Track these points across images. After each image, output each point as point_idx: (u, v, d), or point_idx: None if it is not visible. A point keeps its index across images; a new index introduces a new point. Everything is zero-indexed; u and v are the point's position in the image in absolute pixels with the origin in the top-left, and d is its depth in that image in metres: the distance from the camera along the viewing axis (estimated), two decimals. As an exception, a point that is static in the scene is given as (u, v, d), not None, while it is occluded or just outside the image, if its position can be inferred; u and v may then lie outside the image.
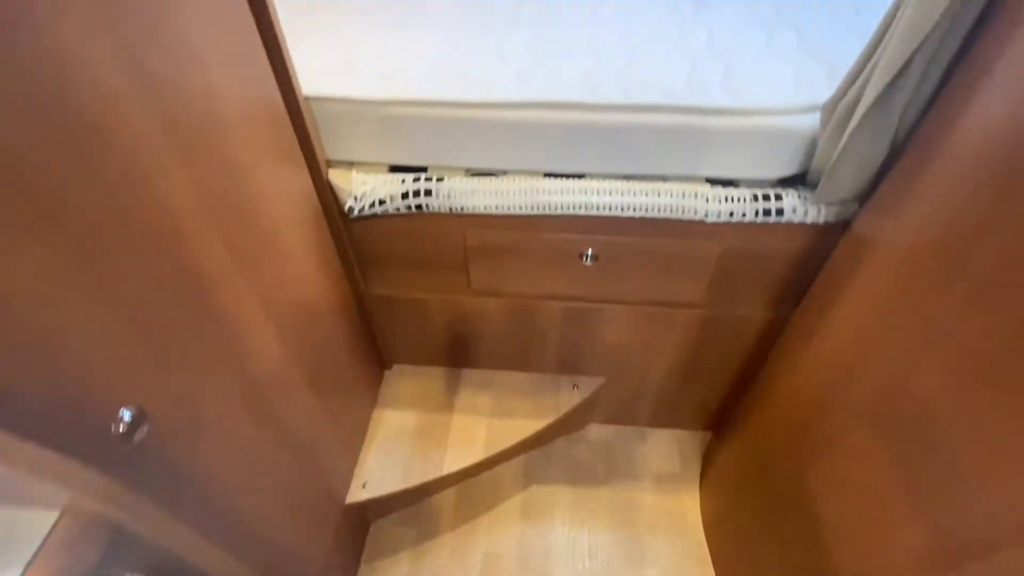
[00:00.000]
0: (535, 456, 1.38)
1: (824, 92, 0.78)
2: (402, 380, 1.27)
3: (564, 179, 0.84)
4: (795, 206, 0.79)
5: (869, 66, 0.62)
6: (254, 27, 0.66)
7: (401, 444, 1.15)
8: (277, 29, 0.68)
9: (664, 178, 0.83)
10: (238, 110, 0.63)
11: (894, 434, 0.61)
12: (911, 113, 0.62)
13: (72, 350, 0.41)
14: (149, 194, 0.48)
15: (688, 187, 0.81)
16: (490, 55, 0.89)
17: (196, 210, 0.55)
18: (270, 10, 0.67)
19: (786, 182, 0.82)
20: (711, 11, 1.02)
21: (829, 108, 0.69)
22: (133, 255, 0.47)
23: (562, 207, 0.83)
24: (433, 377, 1.27)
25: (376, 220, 0.89)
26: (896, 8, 0.59)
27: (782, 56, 0.87)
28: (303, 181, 0.81)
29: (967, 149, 0.55)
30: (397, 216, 0.88)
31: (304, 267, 0.82)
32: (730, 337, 1.06)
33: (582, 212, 0.83)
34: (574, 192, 0.83)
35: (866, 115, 0.62)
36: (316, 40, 0.91)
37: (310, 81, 0.78)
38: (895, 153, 0.67)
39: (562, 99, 0.77)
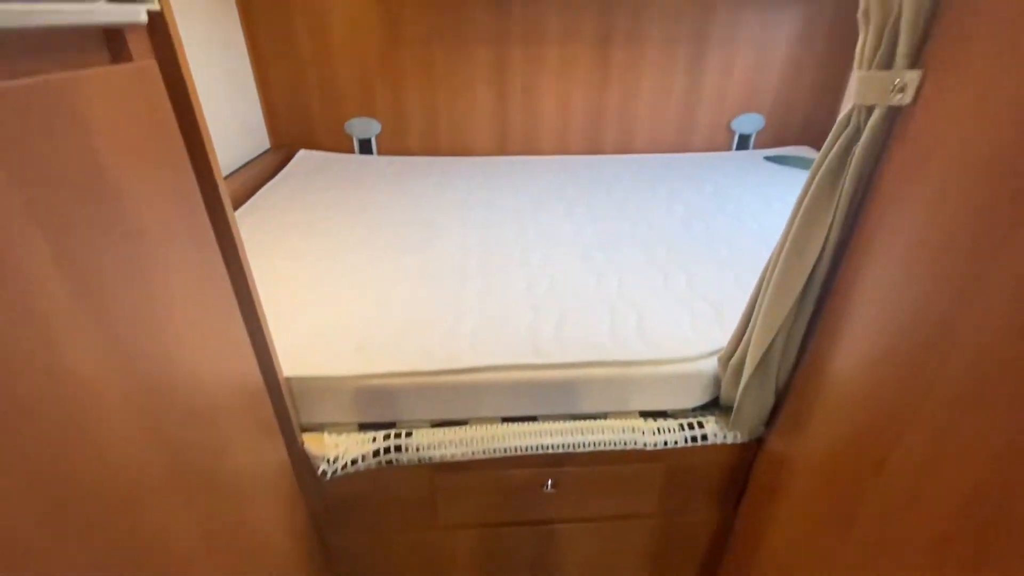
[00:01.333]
0: None
1: (716, 333, 0.98)
2: (366, 624, 1.19)
3: (519, 423, 0.95)
4: (715, 432, 0.94)
5: (744, 339, 0.81)
6: (243, 327, 0.75)
7: None
8: (263, 324, 0.78)
9: (604, 415, 0.96)
10: (227, 409, 0.68)
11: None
12: (783, 372, 0.81)
13: None
14: (157, 545, 0.52)
15: (625, 423, 0.94)
16: (447, 312, 1.05)
17: (194, 543, 0.59)
18: (259, 314, 0.77)
19: (707, 405, 0.98)
20: (617, 255, 1.28)
21: (723, 363, 0.88)
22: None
23: (519, 449, 0.93)
24: (400, 616, 1.21)
25: (347, 475, 0.94)
26: (755, 299, 0.80)
27: (678, 299, 1.10)
28: (279, 455, 0.87)
29: (828, 394, 0.72)
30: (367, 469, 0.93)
31: (271, 531, 0.83)
32: (688, 537, 1.13)
33: (538, 452, 0.93)
34: (528, 435, 0.93)
35: (751, 376, 0.80)
36: (290, 315, 1.03)
37: (289, 360, 0.88)
38: (781, 396, 0.84)
39: (511, 362, 0.92)
